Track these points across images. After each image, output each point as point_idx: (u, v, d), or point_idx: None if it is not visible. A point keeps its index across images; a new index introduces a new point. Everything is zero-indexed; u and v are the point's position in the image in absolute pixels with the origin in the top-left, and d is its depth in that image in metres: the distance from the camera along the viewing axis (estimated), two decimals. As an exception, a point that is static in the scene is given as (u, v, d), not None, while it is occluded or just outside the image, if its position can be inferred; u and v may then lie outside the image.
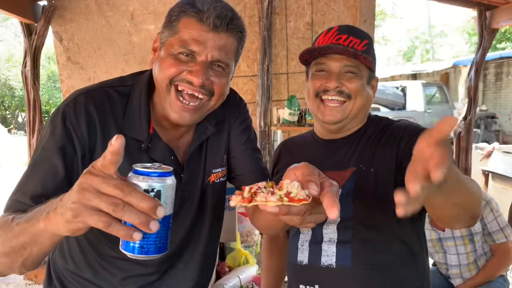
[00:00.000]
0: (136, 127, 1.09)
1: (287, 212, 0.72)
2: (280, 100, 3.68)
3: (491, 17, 3.60)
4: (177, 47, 1.03)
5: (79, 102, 1.05)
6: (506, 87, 14.80)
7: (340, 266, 1.27)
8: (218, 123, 1.23)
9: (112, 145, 0.67)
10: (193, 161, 1.18)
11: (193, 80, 1.02)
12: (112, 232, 0.68)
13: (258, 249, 2.94)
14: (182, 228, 1.19)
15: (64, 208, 0.72)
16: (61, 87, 3.76)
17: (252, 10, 3.58)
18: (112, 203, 0.67)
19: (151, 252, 0.75)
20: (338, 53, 1.31)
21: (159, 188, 0.73)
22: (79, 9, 3.57)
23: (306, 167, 0.76)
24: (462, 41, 23.00)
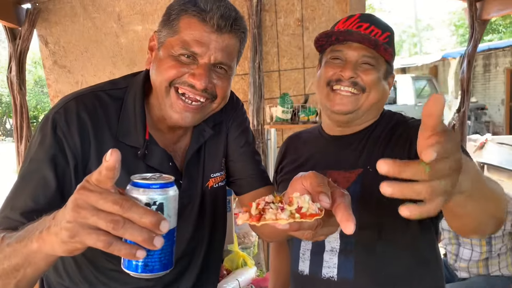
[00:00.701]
0: (131, 133, 1.03)
1: (298, 228, 0.68)
2: (272, 98, 3.63)
3: (482, 8, 3.59)
4: (178, 48, 0.98)
5: (70, 109, 0.99)
6: (494, 78, 14.91)
7: (342, 279, 1.20)
8: (215, 125, 1.18)
9: (107, 161, 0.62)
10: (192, 166, 1.13)
11: (196, 84, 0.98)
12: (113, 251, 0.63)
13: (256, 250, 2.90)
14: (184, 238, 1.14)
15: (58, 227, 0.66)
16: (48, 91, 3.67)
17: (241, 7, 3.52)
18: (112, 221, 0.61)
19: (156, 270, 0.69)
20: (358, 41, 1.22)
21: (161, 201, 0.67)
22: (64, 12, 3.49)
23: (315, 176, 0.71)
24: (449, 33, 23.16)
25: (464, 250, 2.70)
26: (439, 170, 0.56)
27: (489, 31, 17.26)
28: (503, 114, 14.66)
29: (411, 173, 0.56)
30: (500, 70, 14.70)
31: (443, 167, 0.56)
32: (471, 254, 2.67)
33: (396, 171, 0.57)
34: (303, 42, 3.63)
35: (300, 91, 3.67)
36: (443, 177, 0.56)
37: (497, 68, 14.77)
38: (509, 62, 14.30)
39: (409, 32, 26.47)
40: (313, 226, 0.69)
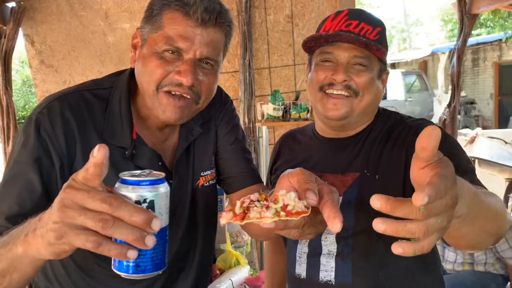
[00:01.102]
0: (118, 133, 1.01)
1: (284, 227, 0.65)
2: (263, 95, 3.60)
3: (471, 3, 3.59)
4: (161, 44, 0.95)
5: (53, 108, 0.96)
6: (483, 72, 15.03)
7: (340, 283, 1.17)
8: (204, 123, 1.15)
9: (94, 157, 0.59)
10: (181, 165, 1.11)
11: (183, 81, 0.95)
12: (103, 252, 0.60)
13: (249, 249, 2.88)
14: (177, 239, 1.11)
15: (44, 229, 0.63)
16: (35, 92, 3.61)
17: (230, 4, 3.49)
18: (101, 220, 0.59)
19: (148, 270, 0.67)
20: (348, 42, 1.16)
21: (152, 198, 0.65)
22: (50, 10, 3.43)
23: (302, 173, 0.69)
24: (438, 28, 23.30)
25: (449, 253, 2.70)
26: (434, 209, 0.54)
27: (477, 26, 17.39)
28: (492, 108, 14.79)
29: (404, 213, 0.54)
30: (489, 64, 14.83)
31: (438, 206, 0.54)
32: (456, 257, 2.67)
33: (388, 209, 0.55)
34: (293, 39, 3.61)
35: (291, 88, 3.65)
36: (438, 214, 0.55)
37: (486, 63, 14.89)
38: (497, 56, 14.42)
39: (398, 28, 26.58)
40: (300, 224, 0.67)
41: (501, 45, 13.84)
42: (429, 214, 0.54)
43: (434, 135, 0.55)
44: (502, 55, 14.22)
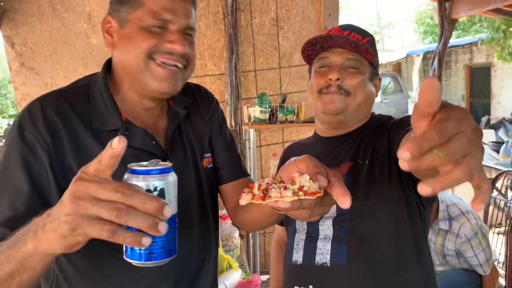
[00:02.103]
0: (107, 118, 1.02)
1: (299, 207, 0.69)
2: (249, 98, 3.61)
3: (451, 8, 3.69)
4: (147, 19, 0.98)
5: (34, 109, 0.97)
6: (455, 74, 15.45)
7: (335, 265, 1.23)
8: (186, 107, 1.18)
9: (113, 148, 0.60)
10: (176, 144, 1.12)
11: (176, 48, 0.98)
12: (118, 240, 0.61)
13: (239, 252, 2.87)
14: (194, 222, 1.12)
15: (56, 222, 0.64)
16: (15, 95, 3.51)
17: (216, 7, 3.49)
18: (115, 209, 0.60)
19: (160, 257, 0.69)
20: (340, 46, 1.30)
21: (162, 186, 0.67)
22: (31, 11, 3.34)
23: (310, 159, 0.73)
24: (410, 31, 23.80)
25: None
26: (456, 149, 0.51)
27: (448, 29, 17.85)
28: (464, 109, 15.19)
29: (428, 165, 0.51)
30: (460, 66, 15.26)
31: (459, 145, 0.51)
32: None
33: (414, 167, 0.52)
34: (278, 42, 3.63)
35: (276, 90, 3.67)
36: (469, 152, 0.52)
37: (457, 65, 15.31)
38: (468, 59, 14.85)
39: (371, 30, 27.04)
40: (311, 205, 0.70)
41: (472, 48, 14.27)
42: (453, 156, 0.51)
43: (436, 85, 0.52)
44: (473, 58, 14.66)
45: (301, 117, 3.41)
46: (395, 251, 1.22)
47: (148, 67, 1.00)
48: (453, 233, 2.55)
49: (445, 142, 0.51)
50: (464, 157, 0.52)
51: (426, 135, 0.51)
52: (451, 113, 0.53)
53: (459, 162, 0.51)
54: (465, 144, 0.52)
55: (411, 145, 0.51)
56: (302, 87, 3.71)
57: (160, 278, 1.05)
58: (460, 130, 0.52)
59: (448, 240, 2.58)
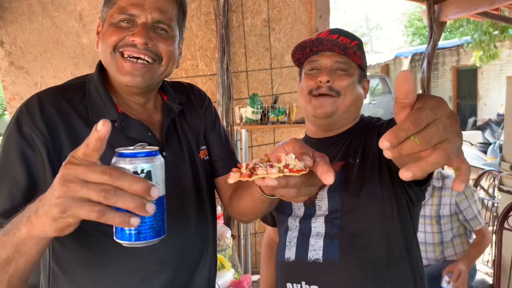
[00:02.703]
0: (103, 110, 1.05)
1: (285, 185, 0.71)
2: (240, 98, 3.62)
3: (440, 11, 3.74)
4: (116, 15, 1.02)
5: (32, 104, 1.00)
6: (442, 76, 15.62)
7: (327, 260, 1.25)
8: (180, 104, 1.21)
9: (98, 131, 0.63)
10: (172, 137, 1.15)
11: (136, 40, 1.00)
12: (107, 221, 0.63)
13: (231, 252, 2.88)
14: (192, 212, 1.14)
15: (47, 206, 0.66)
16: (4, 94, 3.48)
17: (208, 7, 3.49)
18: (103, 190, 0.62)
19: (149, 237, 0.70)
20: (329, 49, 1.34)
21: (148, 169, 0.69)
22: (21, 10, 3.31)
23: (296, 141, 0.76)
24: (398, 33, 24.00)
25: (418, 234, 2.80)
26: (432, 135, 0.56)
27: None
28: (451, 111, 15.37)
29: (407, 151, 0.56)
30: (447, 68, 15.43)
31: (435, 131, 0.56)
32: (425, 236, 2.78)
33: (396, 154, 0.57)
34: (270, 43, 3.65)
35: (268, 91, 3.69)
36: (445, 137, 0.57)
37: (445, 67, 15.49)
38: (455, 61, 15.02)
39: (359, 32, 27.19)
40: (298, 183, 0.73)
41: (459, 50, 14.43)
42: (429, 141, 0.55)
43: (410, 77, 0.58)
44: (460, 60, 14.83)
45: (293, 118, 3.43)
46: (386, 248, 1.25)
47: (114, 60, 1.04)
48: (447, 187, 2.72)
49: (422, 129, 0.55)
50: (441, 143, 0.56)
51: (402, 124, 0.55)
52: (426, 102, 0.59)
53: (437, 147, 0.56)
54: (441, 130, 0.56)
55: (389, 134, 0.55)
56: (293, 88, 3.73)
57: (158, 268, 1.06)
58: (436, 117, 0.57)
59: (444, 196, 2.73)
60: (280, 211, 1.43)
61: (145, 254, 1.03)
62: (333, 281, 1.24)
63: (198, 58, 3.55)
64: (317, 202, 1.32)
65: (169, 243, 1.06)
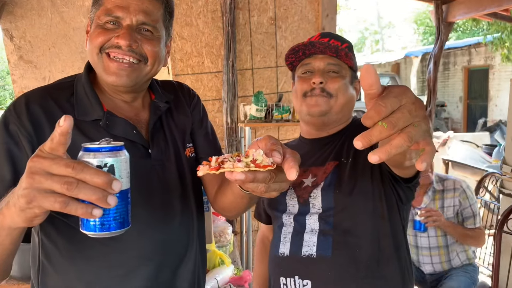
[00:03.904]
0: (89, 109, 1.08)
1: (253, 179, 0.74)
2: (245, 96, 3.64)
3: (447, 11, 3.72)
4: (103, 17, 1.05)
5: (18, 103, 1.04)
6: (453, 76, 15.48)
7: (320, 256, 1.29)
8: (168, 102, 1.24)
9: (60, 126, 0.66)
10: (157, 134, 1.18)
11: (120, 42, 1.03)
12: (70, 211, 0.66)
13: (232, 248, 2.90)
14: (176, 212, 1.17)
15: (16, 197, 0.70)
16: (13, 88, 3.54)
17: (214, 5, 3.51)
18: (66, 182, 0.65)
19: (112, 228, 0.73)
20: (321, 52, 1.39)
21: (112, 163, 0.72)
22: (30, 5, 3.36)
23: (269, 138, 0.79)
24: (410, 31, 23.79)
25: (421, 239, 2.80)
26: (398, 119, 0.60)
27: (448, 31, 17.84)
28: (461, 111, 15.25)
29: (377, 137, 0.60)
30: (458, 68, 15.28)
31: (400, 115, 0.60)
32: (428, 240, 2.78)
33: (366, 141, 0.60)
34: (276, 41, 3.66)
35: (273, 89, 3.70)
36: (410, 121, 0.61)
37: (456, 67, 15.34)
38: (466, 61, 14.88)
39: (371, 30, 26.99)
40: (266, 178, 0.75)
41: (470, 50, 14.29)
42: (396, 124, 0.59)
43: (372, 70, 0.62)
44: (471, 60, 14.69)
45: (297, 116, 3.44)
46: (376, 246, 1.30)
47: (100, 60, 1.07)
48: (449, 189, 2.76)
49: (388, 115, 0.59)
50: (406, 127, 0.60)
51: (367, 113, 0.60)
52: (390, 91, 0.63)
53: (402, 131, 0.60)
54: (406, 114, 0.60)
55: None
56: (298, 86, 3.73)
57: (143, 261, 1.09)
58: (401, 103, 0.61)
59: (446, 198, 2.75)
60: (275, 207, 1.46)
61: (129, 248, 1.07)
62: (325, 276, 1.28)
63: (204, 55, 3.58)
64: (311, 200, 1.35)
65: (153, 238, 1.09)
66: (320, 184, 1.35)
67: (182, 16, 3.46)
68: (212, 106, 3.62)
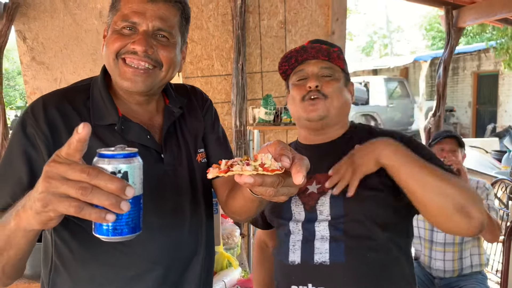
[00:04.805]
0: (104, 113, 1.10)
1: (261, 183, 0.75)
2: (254, 99, 3.66)
3: (458, 16, 3.71)
4: (119, 22, 1.06)
5: (36, 106, 1.06)
6: (462, 81, 15.40)
7: (334, 263, 1.29)
8: (181, 107, 1.25)
9: (78, 133, 0.68)
10: (170, 139, 1.19)
11: (136, 48, 1.04)
12: (84, 216, 0.68)
13: (239, 250, 2.91)
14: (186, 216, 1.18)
15: (32, 201, 0.71)
16: (25, 88, 3.58)
17: (225, 8, 3.53)
18: (80, 187, 0.67)
19: (124, 233, 0.75)
20: (313, 56, 1.42)
21: (125, 169, 0.73)
22: (43, 7, 3.41)
23: (279, 143, 0.80)
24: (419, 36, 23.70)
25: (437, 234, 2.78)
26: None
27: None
28: (470, 116, 15.16)
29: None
30: (468, 73, 15.20)
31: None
32: (444, 236, 2.75)
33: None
34: (285, 45, 3.67)
35: (282, 92, 3.71)
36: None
37: (465, 72, 15.26)
38: (476, 66, 14.79)
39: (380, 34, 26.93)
40: (275, 182, 0.76)
41: (480, 55, 14.21)
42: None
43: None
44: (480, 65, 14.61)
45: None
46: (387, 250, 1.31)
47: (116, 66, 1.08)
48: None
49: None
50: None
51: None
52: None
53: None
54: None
55: None
56: (307, 90, 3.74)
57: (151, 265, 1.10)
58: None
59: None
60: (279, 215, 1.46)
61: (138, 251, 1.08)
62: (340, 282, 1.28)
63: (214, 58, 3.60)
64: (318, 207, 1.35)
65: (162, 242, 1.11)
66: (327, 192, 1.35)
67: (193, 19, 3.48)
68: (221, 109, 3.64)
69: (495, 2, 3.51)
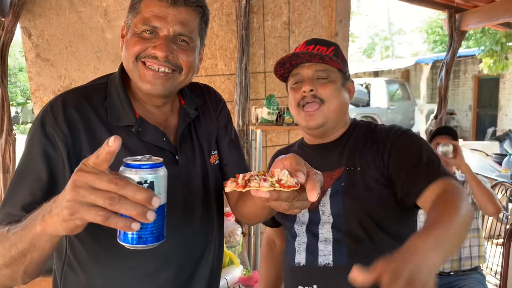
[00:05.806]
0: (122, 114, 1.11)
1: (277, 198, 0.77)
2: (257, 99, 3.68)
3: (461, 20, 3.73)
4: (140, 26, 1.07)
5: (56, 105, 1.07)
6: (463, 84, 15.42)
7: (338, 265, 1.31)
8: (197, 109, 1.26)
9: (109, 146, 0.69)
10: (185, 141, 1.20)
11: (157, 53, 1.05)
12: (110, 224, 0.69)
13: (240, 249, 2.93)
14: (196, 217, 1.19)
15: (59, 208, 0.72)
16: (29, 85, 3.59)
17: (229, 8, 3.55)
18: (108, 197, 0.68)
19: (149, 242, 0.77)
20: (306, 60, 1.42)
21: (152, 180, 0.75)
22: (49, 4, 3.42)
23: (294, 157, 0.81)
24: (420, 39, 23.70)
25: None
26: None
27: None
28: (470, 120, 15.19)
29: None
30: (469, 77, 15.23)
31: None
32: None
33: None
34: (289, 45, 3.69)
35: (284, 93, 3.70)
36: None
37: (466, 75, 15.29)
38: (477, 70, 14.81)
39: (381, 36, 26.93)
40: (290, 197, 0.79)
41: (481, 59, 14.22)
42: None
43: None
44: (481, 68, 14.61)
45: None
46: (388, 247, 1.30)
47: (136, 68, 1.09)
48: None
49: None
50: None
51: None
52: None
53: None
54: None
55: None
56: (310, 91, 3.75)
57: (163, 263, 1.12)
58: None
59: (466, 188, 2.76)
60: (285, 216, 1.48)
61: (150, 251, 1.09)
62: (344, 283, 1.28)
63: (217, 57, 3.62)
64: (320, 208, 1.37)
65: (173, 242, 1.12)
66: (327, 191, 1.37)
67: (197, 19, 3.50)
68: (224, 108, 3.65)
69: (498, 6, 3.53)
